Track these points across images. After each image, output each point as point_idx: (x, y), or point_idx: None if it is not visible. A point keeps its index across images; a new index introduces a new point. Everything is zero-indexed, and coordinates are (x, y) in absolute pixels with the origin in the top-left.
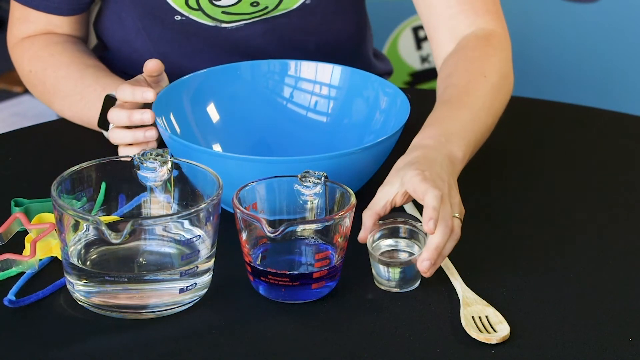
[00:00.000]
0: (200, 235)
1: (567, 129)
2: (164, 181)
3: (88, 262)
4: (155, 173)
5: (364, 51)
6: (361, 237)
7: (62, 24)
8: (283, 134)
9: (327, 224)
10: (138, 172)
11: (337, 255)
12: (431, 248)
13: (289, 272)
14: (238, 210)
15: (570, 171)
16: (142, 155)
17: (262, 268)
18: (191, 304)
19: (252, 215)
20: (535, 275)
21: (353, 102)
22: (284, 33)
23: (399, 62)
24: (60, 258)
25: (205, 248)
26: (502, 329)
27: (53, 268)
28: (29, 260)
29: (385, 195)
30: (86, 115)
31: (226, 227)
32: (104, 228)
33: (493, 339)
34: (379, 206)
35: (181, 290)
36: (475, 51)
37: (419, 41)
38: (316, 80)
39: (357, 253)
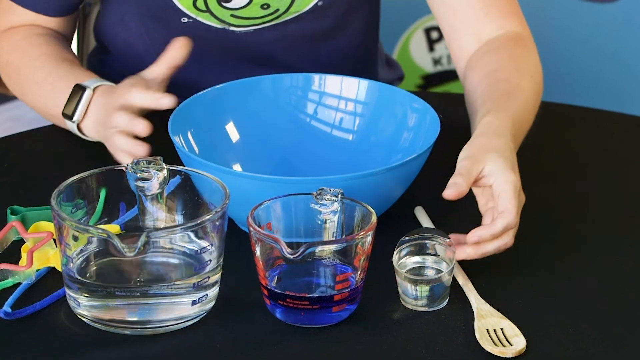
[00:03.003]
0: (208, 246)
1: (586, 133)
2: (162, 189)
3: (89, 275)
4: (151, 182)
5: (373, 56)
6: (449, 194)
7: (47, 22)
8: (307, 153)
9: (348, 244)
10: (135, 183)
11: (357, 277)
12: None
13: (308, 295)
14: (253, 230)
15: (588, 179)
16: (136, 164)
17: (280, 291)
18: (197, 319)
19: (270, 236)
20: (552, 286)
21: (380, 119)
22: (295, 40)
23: (410, 64)
24: (58, 268)
25: (214, 259)
26: (517, 342)
27: (50, 279)
28: (26, 270)
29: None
30: (56, 104)
31: (231, 237)
32: (116, 242)
33: (508, 352)
34: (471, 175)
35: (193, 303)
36: (517, 49)
37: (431, 43)
38: (341, 96)
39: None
